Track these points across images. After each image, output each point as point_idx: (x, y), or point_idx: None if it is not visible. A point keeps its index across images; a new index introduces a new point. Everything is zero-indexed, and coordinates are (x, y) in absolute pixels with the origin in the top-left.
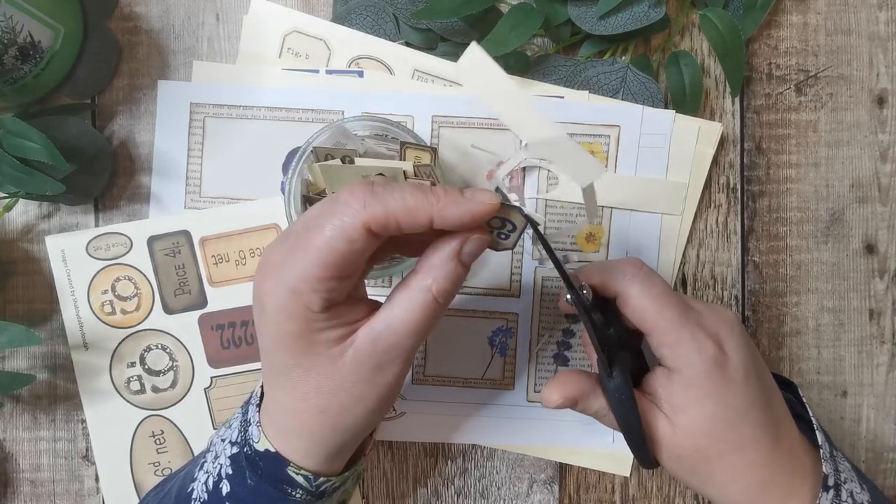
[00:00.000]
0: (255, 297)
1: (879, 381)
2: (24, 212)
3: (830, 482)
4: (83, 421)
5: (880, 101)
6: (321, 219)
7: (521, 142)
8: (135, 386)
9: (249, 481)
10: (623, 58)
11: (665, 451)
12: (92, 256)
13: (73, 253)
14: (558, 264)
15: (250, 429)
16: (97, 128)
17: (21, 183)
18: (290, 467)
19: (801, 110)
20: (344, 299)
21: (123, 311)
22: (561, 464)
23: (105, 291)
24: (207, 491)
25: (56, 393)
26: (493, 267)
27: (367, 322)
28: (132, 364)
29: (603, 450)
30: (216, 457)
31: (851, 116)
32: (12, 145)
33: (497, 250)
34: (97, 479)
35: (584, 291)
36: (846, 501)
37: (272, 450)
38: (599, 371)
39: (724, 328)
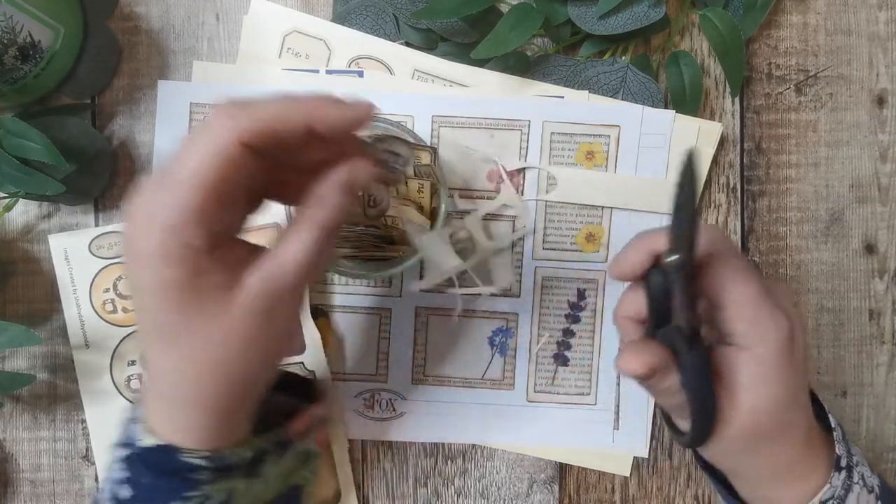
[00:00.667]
0: (124, 247)
1: (879, 381)
2: (24, 212)
3: (843, 463)
4: (83, 421)
5: (880, 101)
6: (191, 143)
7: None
8: (135, 384)
9: (144, 480)
10: (623, 58)
11: (721, 430)
12: (94, 255)
13: (75, 252)
14: (691, 216)
15: (130, 427)
16: (97, 128)
17: (21, 183)
18: (182, 454)
19: (800, 110)
20: (227, 239)
21: (125, 310)
22: (561, 464)
23: (107, 290)
24: (116, 499)
25: (56, 393)
26: (497, 268)
27: (255, 263)
28: (132, 362)
29: (603, 450)
30: (110, 464)
31: (851, 116)
32: (12, 145)
33: (389, 184)
34: (97, 479)
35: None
36: (858, 483)
37: (156, 443)
38: (678, 346)
39: (790, 304)
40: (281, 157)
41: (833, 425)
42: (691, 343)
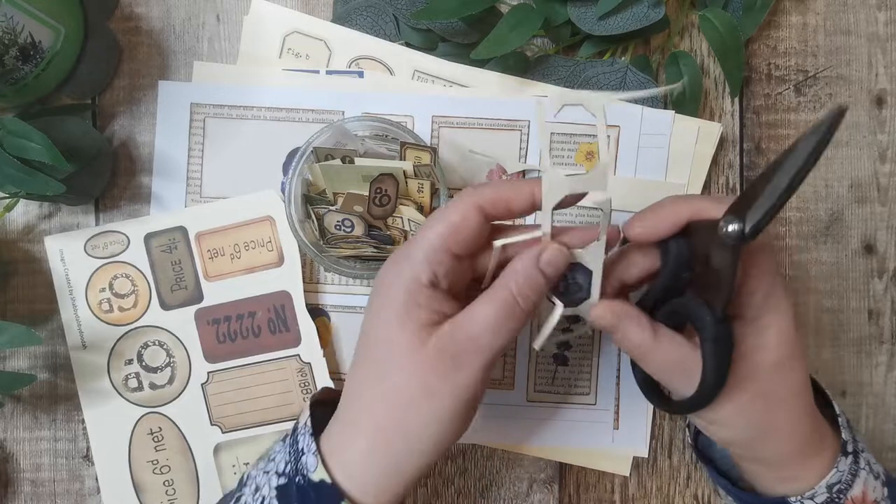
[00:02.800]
0: (376, 288)
1: (878, 380)
2: (24, 212)
3: (850, 448)
4: (84, 421)
5: (879, 101)
6: (436, 213)
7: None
8: (133, 383)
9: None
10: (623, 58)
11: (737, 396)
12: (90, 255)
13: (71, 252)
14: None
15: (304, 458)
16: (98, 128)
17: (22, 183)
18: (343, 502)
19: (800, 110)
20: (446, 286)
21: (121, 309)
22: (561, 464)
23: (103, 290)
24: None
25: (57, 393)
26: None
27: (455, 315)
28: (130, 361)
29: (603, 449)
30: (257, 489)
31: (850, 117)
32: (13, 145)
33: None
34: (97, 479)
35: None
36: (864, 468)
37: (328, 480)
38: (699, 312)
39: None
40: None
41: (838, 412)
42: (718, 317)
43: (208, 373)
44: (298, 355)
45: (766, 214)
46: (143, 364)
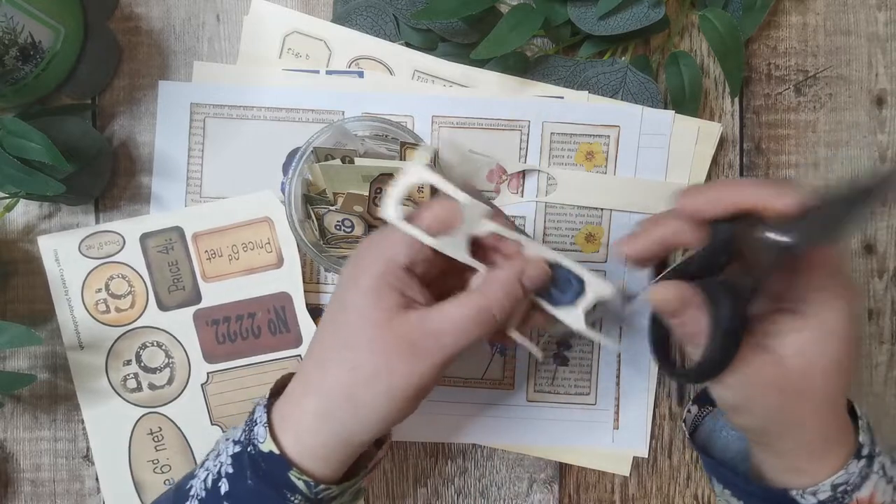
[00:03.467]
0: (353, 261)
1: (879, 380)
2: (24, 212)
3: (864, 452)
4: (83, 421)
5: (879, 101)
6: (424, 203)
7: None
8: (131, 384)
9: (249, 482)
10: (623, 58)
11: (763, 391)
12: (85, 256)
13: (65, 253)
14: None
15: (256, 428)
16: (98, 128)
17: (22, 183)
18: (292, 471)
19: (800, 111)
20: (420, 272)
21: (118, 310)
22: (561, 464)
23: (99, 290)
24: (206, 489)
25: (57, 393)
26: None
27: (424, 304)
28: (128, 362)
29: (603, 449)
30: (218, 454)
31: (850, 117)
32: (13, 145)
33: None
34: (97, 479)
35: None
36: (877, 472)
37: (276, 451)
38: (716, 298)
39: (853, 285)
40: None
41: (859, 413)
42: (734, 313)
43: (208, 373)
44: (300, 355)
45: (819, 238)
46: (142, 364)
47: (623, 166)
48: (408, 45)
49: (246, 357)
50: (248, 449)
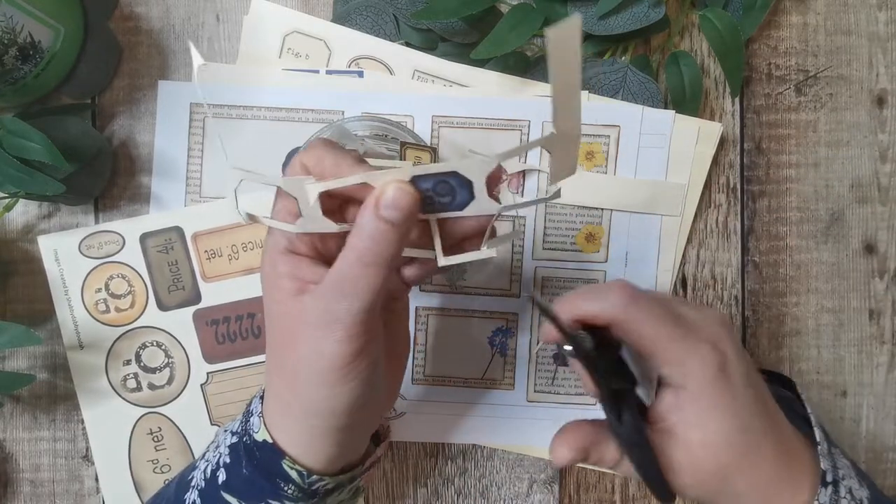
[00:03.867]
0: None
1: (879, 381)
2: (24, 212)
3: (829, 478)
4: (83, 421)
5: (880, 101)
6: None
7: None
8: (131, 384)
9: (244, 471)
10: (623, 58)
11: (687, 476)
12: (84, 255)
13: (65, 252)
14: (554, 318)
15: (251, 419)
16: (97, 128)
17: (21, 183)
18: (284, 460)
19: (800, 110)
20: (306, 250)
21: (118, 309)
22: None
23: (99, 290)
24: (205, 479)
25: (56, 393)
26: (492, 268)
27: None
28: (128, 362)
29: None
30: (217, 446)
31: (851, 116)
32: (13, 145)
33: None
34: (97, 479)
35: (582, 336)
36: (845, 497)
37: (269, 440)
38: (608, 418)
39: (718, 332)
40: None
41: (818, 439)
42: (619, 411)
43: (208, 373)
44: None
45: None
46: (142, 364)
47: (623, 166)
48: (408, 44)
49: (245, 357)
50: (244, 439)
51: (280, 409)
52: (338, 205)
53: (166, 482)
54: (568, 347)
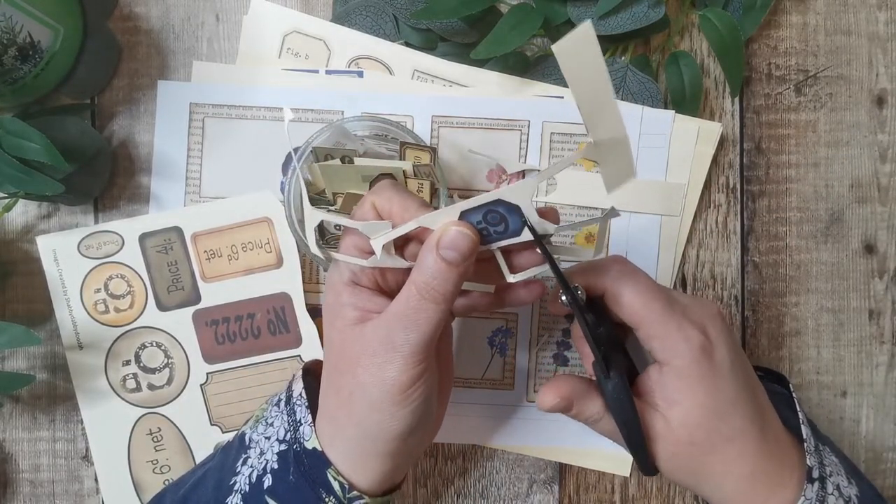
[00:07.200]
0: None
1: (879, 381)
2: (23, 212)
3: (815, 474)
4: (82, 421)
5: (880, 101)
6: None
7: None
8: (131, 384)
9: (291, 478)
10: (623, 58)
11: (662, 449)
12: (84, 255)
13: (64, 252)
14: (555, 265)
15: (301, 428)
16: (97, 128)
17: (21, 183)
18: (330, 469)
19: (800, 110)
20: (368, 283)
21: (117, 310)
22: (561, 464)
23: (98, 290)
24: (250, 483)
25: (56, 393)
26: None
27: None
28: (127, 362)
29: (603, 450)
30: (262, 453)
31: (851, 116)
32: (12, 145)
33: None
34: (97, 480)
35: (579, 292)
36: (832, 494)
37: (319, 448)
38: (595, 374)
39: (709, 319)
40: None
41: (804, 436)
42: (608, 370)
43: (207, 374)
44: (299, 356)
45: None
46: (141, 365)
47: None
48: (407, 44)
49: (245, 357)
50: (294, 446)
51: (333, 429)
52: (401, 242)
53: (166, 483)
54: (563, 298)
